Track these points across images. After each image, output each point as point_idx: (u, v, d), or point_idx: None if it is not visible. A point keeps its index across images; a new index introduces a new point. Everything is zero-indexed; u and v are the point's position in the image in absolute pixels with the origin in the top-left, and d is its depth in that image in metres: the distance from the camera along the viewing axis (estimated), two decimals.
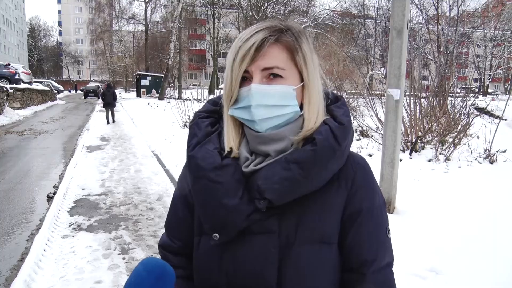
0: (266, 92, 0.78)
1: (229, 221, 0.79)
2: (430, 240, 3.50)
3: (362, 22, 35.53)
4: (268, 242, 0.79)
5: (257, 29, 0.79)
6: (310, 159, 0.77)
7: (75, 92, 53.53)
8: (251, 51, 0.77)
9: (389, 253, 0.86)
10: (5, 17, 63.88)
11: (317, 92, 0.83)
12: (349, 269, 0.83)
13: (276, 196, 0.77)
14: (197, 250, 0.87)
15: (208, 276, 0.85)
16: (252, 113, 0.79)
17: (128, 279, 0.76)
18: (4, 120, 13.90)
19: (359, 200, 0.83)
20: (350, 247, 0.83)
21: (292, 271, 0.79)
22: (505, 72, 41.31)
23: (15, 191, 5.47)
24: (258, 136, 0.81)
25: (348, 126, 0.82)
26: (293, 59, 0.80)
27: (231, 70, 0.80)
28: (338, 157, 0.79)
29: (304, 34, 0.83)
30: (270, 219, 0.79)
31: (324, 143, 0.77)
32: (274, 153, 0.81)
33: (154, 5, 41.91)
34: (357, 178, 0.83)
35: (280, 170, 0.78)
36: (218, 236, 0.80)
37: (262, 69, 0.78)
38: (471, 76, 26.42)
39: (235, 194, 0.79)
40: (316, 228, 0.80)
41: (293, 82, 0.80)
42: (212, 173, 0.80)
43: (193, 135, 0.86)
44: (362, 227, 0.82)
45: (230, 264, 0.81)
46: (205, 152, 0.82)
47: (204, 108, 0.92)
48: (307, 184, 0.78)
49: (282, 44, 0.80)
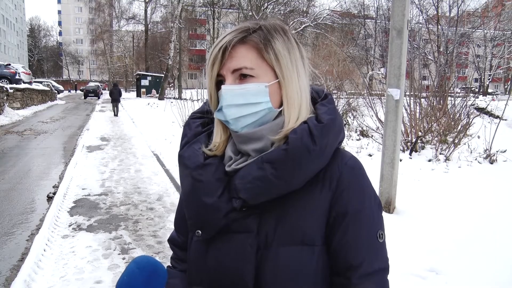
0: (234, 92, 0.79)
1: (209, 218, 0.81)
2: (430, 240, 3.50)
3: (362, 22, 35.54)
4: (246, 241, 0.79)
5: (227, 33, 0.81)
6: (282, 159, 0.76)
7: (75, 92, 53.56)
8: (219, 55, 0.79)
9: (381, 258, 0.81)
10: (5, 17, 63.87)
11: (295, 89, 0.81)
12: (336, 273, 0.81)
13: (250, 195, 0.78)
14: (190, 245, 0.89)
15: (196, 272, 0.87)
16: (224, 113, 0.81)
17: (120, 277, 0.76)
18: (4, 120, 13.90)
19: (345, 202, 0.79)
20: (336, 251, 0.80)
21: (270, 271, 0.78)
22: (505, 72, 41.34)
23: (15, 191, 5.47)
24: (238, 136, 0.83)
25: (329, 124, 0.79)
26: (263, 57, 0.80)
27: (208, 75, 0.83)
28: (315, 157, 0.77)
29: (280, 32, 0.82)
30: (249, 218, 0.80)
31: (296, 143, 0.76)
32: (254, 153, 0.81)
33: (154, 5, 41.91)
34: (343, 179, 0.80)
35: (254, 170, 0.78)
36: (200, 233, 0.84)
37: (232, 71, 0.80)
38: (471, 76, 26.47)
39: (214, 193, 0.81)
40: (296, 229, 0.78)
41: (266, 79, 0.80)
42: (195, 171, 0.83)
43: (184, 135, 0.90)
44: (349, 230, 0.79)
45: (213, 261, 0.83)
46: (192, 152, 0.86)
47: (200, 109, 0.94)
48: (281, 184, 0.77)
49: (249, 44, 0.80)
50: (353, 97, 12.04)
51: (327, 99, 0.86)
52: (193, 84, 46.56)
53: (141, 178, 6.24)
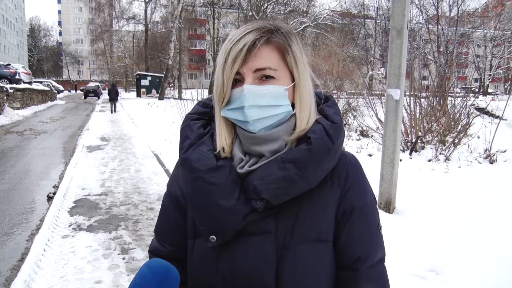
0: (258, 92, 0.78)
1: (226, 222, 0.79)
2: (430, 240, 3.50)
3: (362, 22, 35.53)
4: (265, 242, 0.79)
5: (247, 30, 0.79)
6: (306, 158, 0.77)
7: (75, 92, 53.55)
8: (243, 53, 0.77)
9: (381, 248, 0.87)
10: (5, 17, 63.87)
11: (308, 92, 0.83)
12: (343, 267, 0.84)
13: (273, 196, 0.77)
14: (191, 253, 0.87)
15: (203, 279, 0.84)
16: (245, 114, 0.78)
17: (133, 280, 0.76)
18: (4, 120, 13.90)
19: (352, 198, 0.84)
20: (344, 245, 0.83)
21: (290, 270, 0.79)
22: (505, 72, 41.32)
23: (15, 191, 5.47)
24: (252, 137, 0.81)
25: (340, 125, 0.83)
26: (284, 59, 0.80)
27: (222, 72, 0.79)
28: (332, 156, 0.80)
29: (294, 34, 0.84)
30: (266, 219, 0.80)
31: (319, 142, 0.78)
32: (269, 154, 0.81)
33: (154, 5, 41.95)
34: (350, 176, 0.84)
35: (276, 170, 0.78)
36: (215, 238, 0.80)
37: (254, 70, 0.78)
38: (471, 76, 26.45)
39: (231, 196, 0.79)
40: (312, 227, 0.81)
41: (284, 82, 0.81)
42: (207, 174, 0.80)
43: (186, 137, 0.86)
44: (356, 225, 0.83)
45: (226, 266, 0.81)
46: (200, 154, 0.82)
47: (194, 110, 0.91)
48: (303, 183, 0.78)
49: (273, 45, 0.79)
50: (353, 97, 12.04)
51: (331, 101, 0.88)
52: (193, 84, 46.58)
53: (141, 178, 6.24)
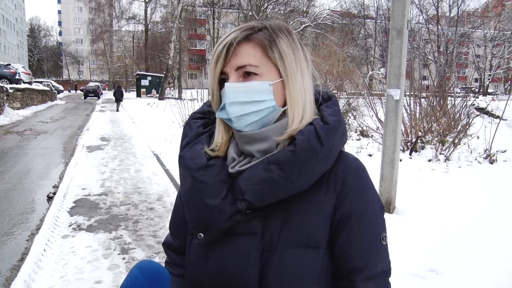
0: (238, 89, 0.78)
1: (212, 221, 0.79)
2: (430, 240, 3.50)
3: (362, 22, 35.53)
4: (250, 243, 0.78)
5: (231, 31, 0.81)
6: (289, 160, 0.75)
7: (75, 92, 53.52)
8: (223, 52, 0.78)
9: (384, 261, 0.82)
10: (5, 17, 63.87)
11: (299, 89, 0.81)
12: (339, 276, 0.80)
13: (256, 197, 0.76)
14: (188, 249, 0.88)
15: (195, 276, 0.85)
16: (227, 111, 0.79)
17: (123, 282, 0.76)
18: (4, 120, 13.90)
19: (349, 204, 0.79)
20: (339, 253, 0.80)
21: (275, 274, 0.77)
22: (505, 72, 41.34)
23: (15, 191, 5.47)
24: (242, 136, 0.81)
25: (335, 126, 0.79)
26: (267, 55, 0.79)
27: (210, 73, 0.82)
28: (322, 159, 0.76)
29: (285, 32, 0.82)
30: (253, 221, 0.79)
31: (304, 144, 0.75)
32: (258, 154, 0.80)
33: (154, 5, 41.98)
34: (348, 181, 0.80)
35: (261, 171, 0.77)
36: (203, 236, 0.81)
37: (236, 68, 0.79)
38: (471, 76, 26.45)
39: (218, 194, 0.79)
40: (301, 232, 0.78)
41: (271, 78, 0.79)
42: (197, 173, 0.81)
43: (185, 135, 0.88)
44: (352, 233, 0.79)
45: (214, 264, 0.81)
46: (193, 152, 0.83)
47: (200, 109, 0.93)
48: (288, 186, 0.76)
49: (254, 42, 0.79)
50: (353, 97, 12.05)
51: (331, 101, 0.85)
52: (193, 84, 46.56)
53: (141, 178, 6.24)
